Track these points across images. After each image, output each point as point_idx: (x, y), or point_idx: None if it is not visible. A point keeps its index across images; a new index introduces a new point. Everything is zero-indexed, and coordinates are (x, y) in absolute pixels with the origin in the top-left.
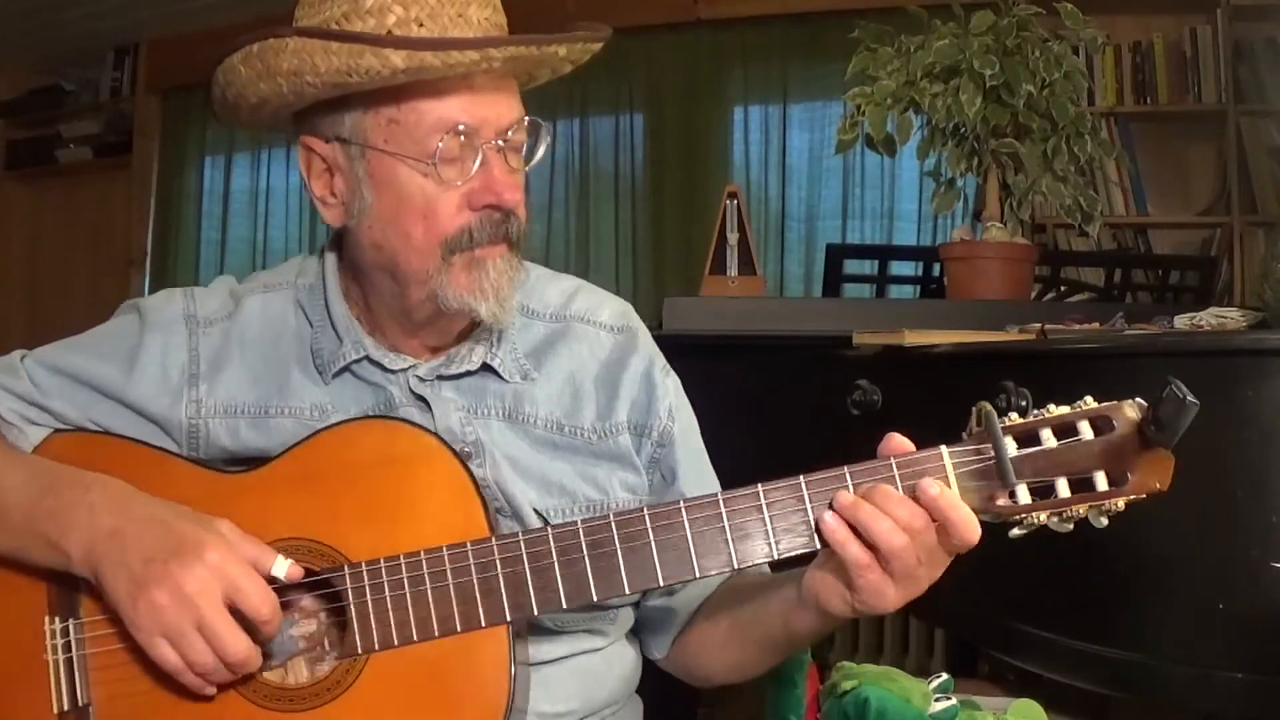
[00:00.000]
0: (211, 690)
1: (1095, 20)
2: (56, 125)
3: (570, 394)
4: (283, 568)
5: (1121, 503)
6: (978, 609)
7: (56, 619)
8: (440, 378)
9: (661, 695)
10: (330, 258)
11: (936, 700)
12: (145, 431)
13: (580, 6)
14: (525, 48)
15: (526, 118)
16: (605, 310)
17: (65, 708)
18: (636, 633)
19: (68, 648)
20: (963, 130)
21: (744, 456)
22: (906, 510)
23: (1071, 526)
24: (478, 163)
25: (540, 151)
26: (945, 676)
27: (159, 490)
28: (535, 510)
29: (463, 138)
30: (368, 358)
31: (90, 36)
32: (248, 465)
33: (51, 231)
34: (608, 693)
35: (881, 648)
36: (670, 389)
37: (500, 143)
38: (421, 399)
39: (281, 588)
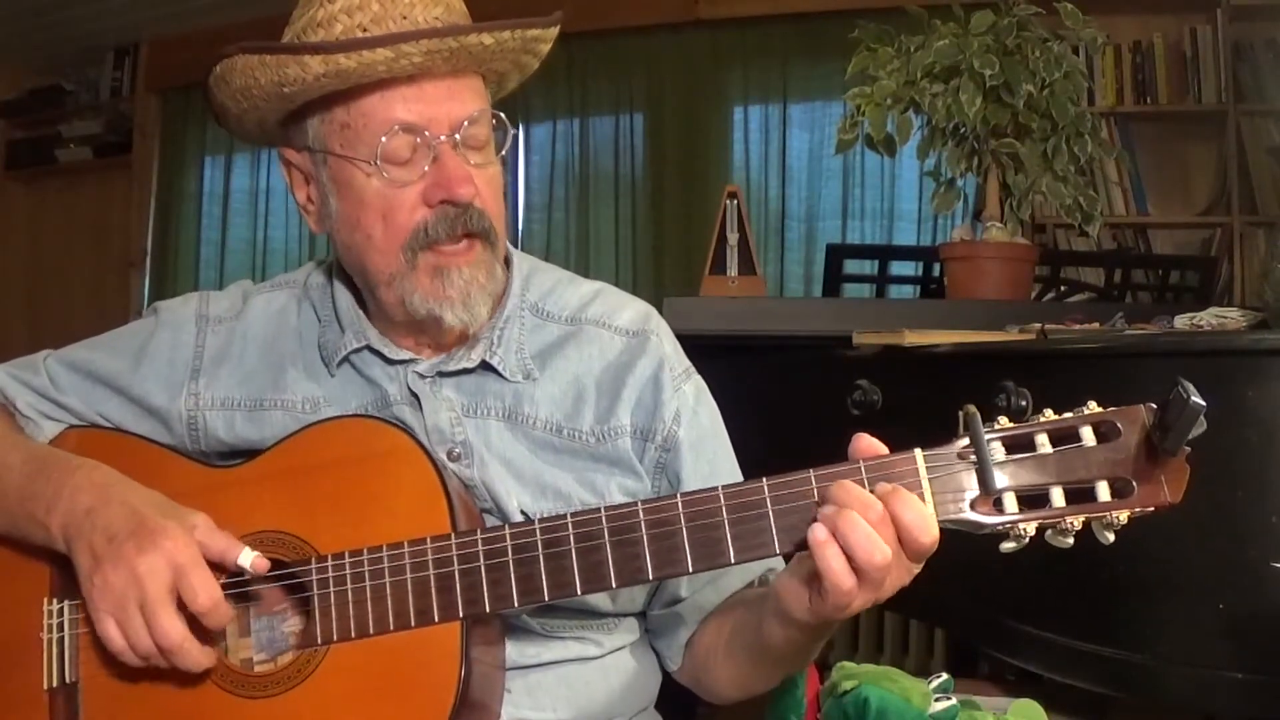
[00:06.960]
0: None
1: (1095, 20)
2: (56, 125)
3: (573, 397)
4: (248, 559)
5: (1124, 516)
6: (978, 609)
7: (55, 600)
8: (441, 374)
9: (662, 697)
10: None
11: (936, 700)
12: (149, 425)
13: (579, 7)
14: (442, 40)
15: (487, 111)
16: (623, 314)
17: (54, 684)
18: (652, 645)
19: (62, 627)
20: (963, 130)
21: (744, 457)
22: (874, 509)
23: (1071, 541)
24: (431, 159)
25: (507, 143)
26: (945, 676)
27: (155, 482)
28: (524, 513)
29: (411, 135)
30: (369, 347)
31: (90, 36)
32: (240, 459)
33: (51, 231)
34: (605, 706)
35: (881, 648)
36: (688, 394)
37: (457, 137)
38: (416, 397)
39: (250, 579)
